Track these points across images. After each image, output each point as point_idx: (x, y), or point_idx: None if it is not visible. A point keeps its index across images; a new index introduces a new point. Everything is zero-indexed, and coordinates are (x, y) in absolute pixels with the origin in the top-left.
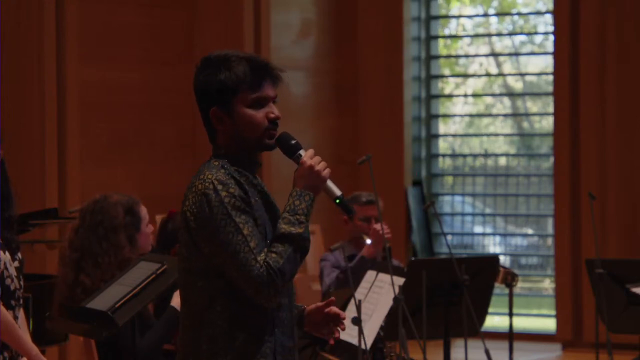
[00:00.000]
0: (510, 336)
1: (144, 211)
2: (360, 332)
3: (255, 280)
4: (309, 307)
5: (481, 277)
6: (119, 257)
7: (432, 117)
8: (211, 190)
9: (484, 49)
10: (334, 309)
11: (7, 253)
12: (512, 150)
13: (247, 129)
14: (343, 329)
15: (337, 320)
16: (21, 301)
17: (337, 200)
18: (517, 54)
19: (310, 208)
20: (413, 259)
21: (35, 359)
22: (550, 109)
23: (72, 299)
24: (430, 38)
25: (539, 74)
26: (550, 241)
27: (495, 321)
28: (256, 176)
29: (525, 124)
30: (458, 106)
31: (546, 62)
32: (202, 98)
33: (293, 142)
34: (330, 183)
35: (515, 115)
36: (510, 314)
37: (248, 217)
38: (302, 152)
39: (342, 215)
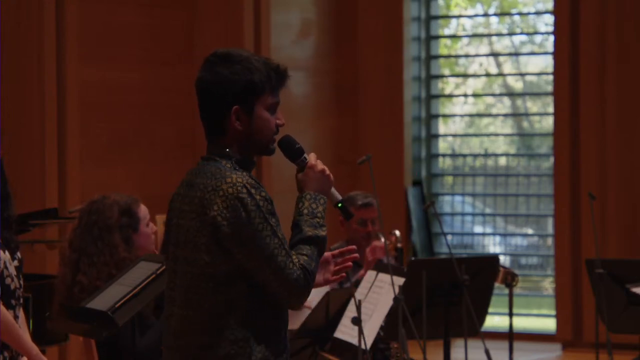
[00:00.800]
0: (510, 336)
1: (143, 212)
2: (360, 332)
3: (293, 283)
4: None
5: (481, 277)
6: (114, 257)
7: (432, 117)
8: (245, 194)
9: (484, 49)
10: (327, 254)
11: (6, 252)
12: (512, 150)
13: (261, 132)
14: (340, 268)
15: (328, 263)
16: (21, 300)
17: (339, 205)
18: (517, 54)
19: (324, 211)
20: (413, 259)
21: (35, 358)
22: (550, 109)
23: (71, 299)
24: (430, 38)
25: (539, 74)
26: (550, 241)
27: (495, 321)
28: None
29: (525, 124)
30: (458, 106)
31: (546, 62)
32: (222, 94)
33: (297, 146)
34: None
35: (515, 115)
36: (510, 314)
37: (277, 220)
38: (306, 156)
39: (339, 217)
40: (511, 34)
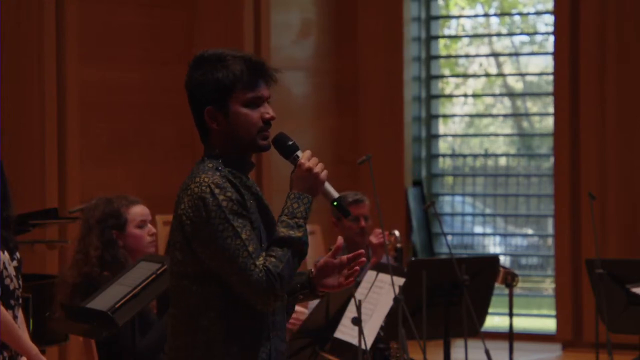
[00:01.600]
0: (510, 336)
1: (134, 213)
2: (360, 332)
3: (254, 285)
4: (316, 265)
5: (481, 277)
6: (87, 255)
7: (432, 117)
8: (208, 194)
9: (484, 49)
10: (342, 257)
11: (5, 253)
12: (512, 150)
13: (242, 128)
14: (354, 269)
15: (342, 267)
16: (20, 301)
17: (335, 203)
18: (517, 54)
19: (308, 211)
20: (413, 259)
21: (34, 358)
22: (550, 109)
23: (69, 297)
24: (430, 38)
25: (539, 74)
26: (550, 241)
27: (495, 321)
28: (249, 177)
29: (525, 124)
30: (458, 106)
31: (546, 62)
32: (197, 96)
33: (290, 143)
34: (327, 185)
35: (515, 115)
36: (510, 314)
37: (245, 221)
38: (299, 153)
39: (332, 217)
40: (511, 34)
